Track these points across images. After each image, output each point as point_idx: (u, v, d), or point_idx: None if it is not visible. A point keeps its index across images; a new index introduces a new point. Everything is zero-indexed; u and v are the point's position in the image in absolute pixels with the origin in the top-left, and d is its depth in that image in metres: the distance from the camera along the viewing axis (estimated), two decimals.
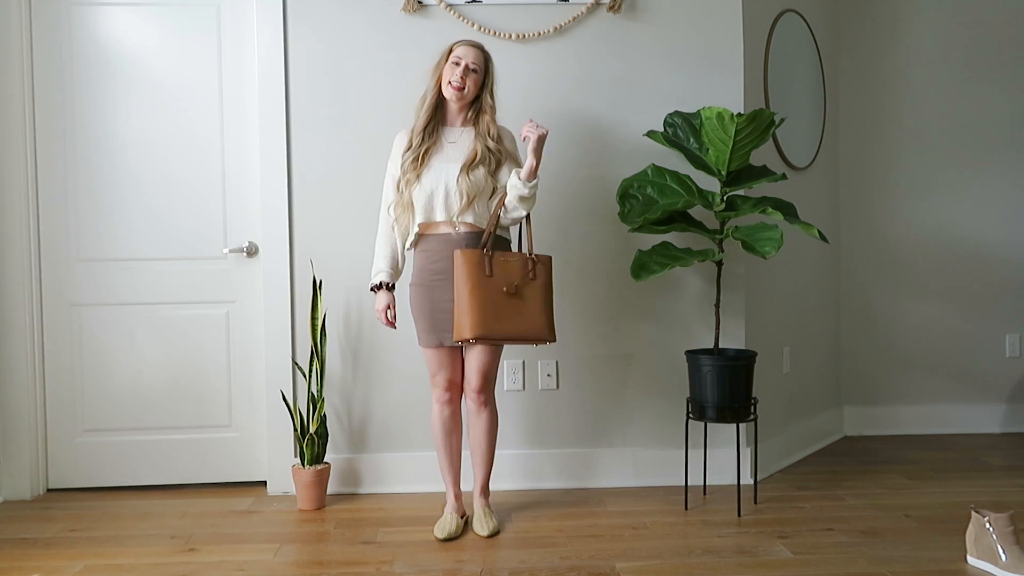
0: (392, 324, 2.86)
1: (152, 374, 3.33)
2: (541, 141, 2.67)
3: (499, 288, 2.66)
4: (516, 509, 3.04)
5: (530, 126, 2.68)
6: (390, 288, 2.85)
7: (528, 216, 2.77)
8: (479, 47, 2.79)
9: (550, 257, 2.80)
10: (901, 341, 4.16)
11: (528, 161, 2.67)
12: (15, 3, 3.20)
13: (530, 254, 2.74)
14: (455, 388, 2.85)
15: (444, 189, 2.71)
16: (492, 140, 2.74)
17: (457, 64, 2.73)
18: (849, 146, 4.17)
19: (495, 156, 2.75)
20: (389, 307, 2.84)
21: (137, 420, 3.33)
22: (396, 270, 2.87)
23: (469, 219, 2.73)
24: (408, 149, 2.78)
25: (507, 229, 2.84)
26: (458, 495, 2.90)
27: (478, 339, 2.64)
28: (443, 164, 2.74)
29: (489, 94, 2.78)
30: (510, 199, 2.71)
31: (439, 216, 2.74)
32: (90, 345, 3.32)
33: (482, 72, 2.76)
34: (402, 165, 2.78)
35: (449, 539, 2.75)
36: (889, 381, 4.17)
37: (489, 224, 2.72)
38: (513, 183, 2.69)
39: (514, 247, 2.88)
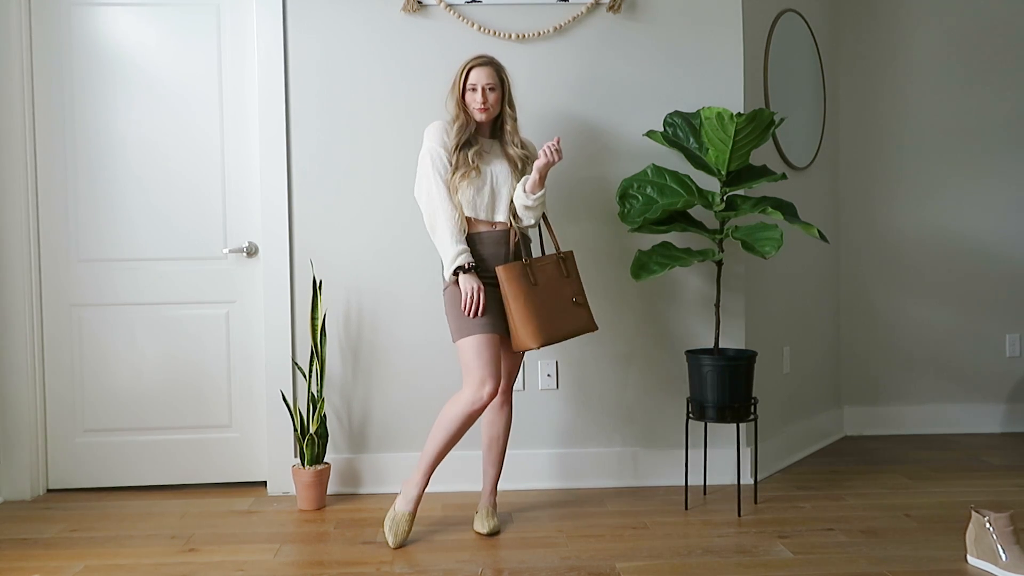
0: (480, 310, 2.67)
1: (152, 374, 3.33)
2: (547, 167, 2.71)
3: (547, 294, 2.74)
4: (516, 509, 3.04)
5: (550, 148, 2.68)
6: (476, 269, 2.72)
7: (546, 217, 2.86)
8: (489, 63, 2.78)
9: (572, 251, 2.90)
10: (901, 341, 4.16)
11: (532, 176, 2.72)
12: (15, 3, 3.20)
13: (558, 253, 2.84)
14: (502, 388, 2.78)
15: (489, 190, 2.76)
16: (518, 147, 2.80)
17: (475, 90, 2.75)
18: (849, 146, 4.17)
19: (524, 162, 2.81)
20: (481, 288, 2.68)
21: (137, 420, 3.33)
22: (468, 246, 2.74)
23: (505, 219, 2.80)
24: (454, 166, 2.74)
25: (527, 231, 2.90)
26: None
27: (542, 346, 2.70)
28: (487, 168, 2.77)
29: (508, 104, 2.81)
30: (517, 207, 2.77)
31: (482, 215, 2.78)
32: (90, 345, 3.32)
33: (499, 87, 2.78)
34: (451, 175, 2.75)
35: (400, 546, 2.70)
36: (889, 381, 4.16)
37: (512, 234, 2.78)
38: (518, 193, 2.75)
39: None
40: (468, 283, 2.69)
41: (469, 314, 2.68)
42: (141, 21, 3.29)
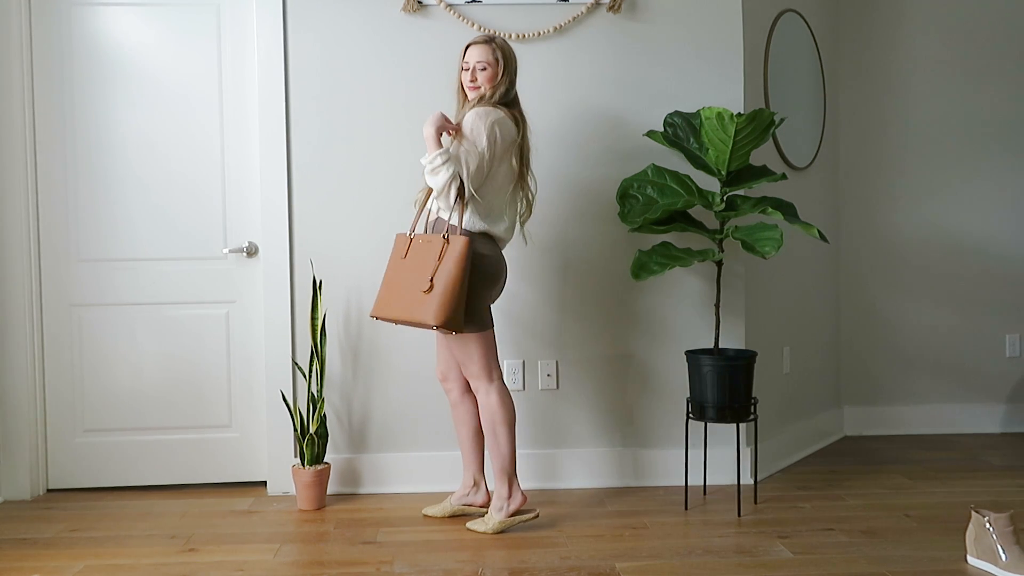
0: None
1: (152, 374, 3.33)
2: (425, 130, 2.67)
3: (405, 272, 2.69)
4: None
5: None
6: None
7: (461, 197, 2.63)
8: (486, 40, 2.77)
9: (466, 239, 2.59)
10: (901, 341, 4.16)
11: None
12: (15, 3, 3.20)
13: (445, 236, 2.62)
14: (447, 378, 2.92)
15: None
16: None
17: (466, 69, 2.75)
18: (849, 146, 4.17)
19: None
20: None
21: (137, 420, 3.33)
22: None
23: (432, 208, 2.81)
24: None
25: (455, 215, 2.67)
26: (466, 483, 2.96)
27: (376, 318, 2.75)
28: None
29: (495, 83, 2.72)
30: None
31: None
32: (90, 345, 3.32)
33: (494, 65, 2.73)
34: None
35: (431, 516, 2.96)
36: (889, 381, 4.16)
37: (419, 205, 2.80)
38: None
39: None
40: None
41: None
42: (141, 21, 3.29)
